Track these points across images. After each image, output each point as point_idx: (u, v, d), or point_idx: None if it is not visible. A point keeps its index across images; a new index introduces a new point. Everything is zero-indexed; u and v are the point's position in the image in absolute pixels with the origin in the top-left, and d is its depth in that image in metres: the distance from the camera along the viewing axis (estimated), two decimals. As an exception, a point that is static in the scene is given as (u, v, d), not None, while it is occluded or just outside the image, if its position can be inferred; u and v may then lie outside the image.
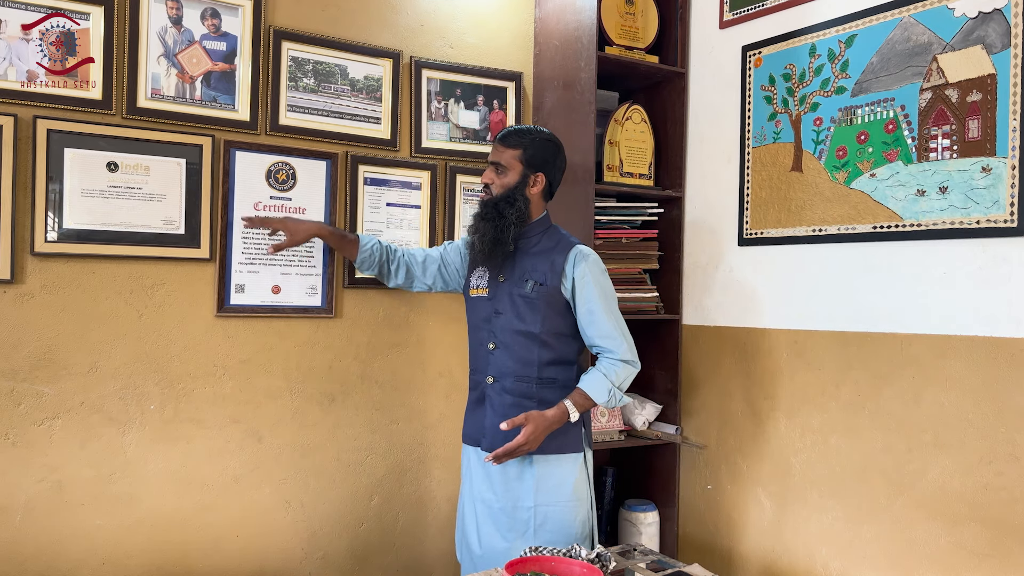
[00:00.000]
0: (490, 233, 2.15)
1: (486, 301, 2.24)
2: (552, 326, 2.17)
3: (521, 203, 2.17)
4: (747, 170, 2.61)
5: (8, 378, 2.17)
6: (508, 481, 2.18)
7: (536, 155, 2.20)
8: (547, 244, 2.21)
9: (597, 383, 2.13)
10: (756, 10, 2.59)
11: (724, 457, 2.69)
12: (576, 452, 2.19)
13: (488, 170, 2.23)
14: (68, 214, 2.22)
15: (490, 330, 2.21)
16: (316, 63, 2.59)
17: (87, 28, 2.24)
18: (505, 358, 2.18)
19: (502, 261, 2.21)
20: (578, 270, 2.14)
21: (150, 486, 2.36)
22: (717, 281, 2.72)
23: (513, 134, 2.21)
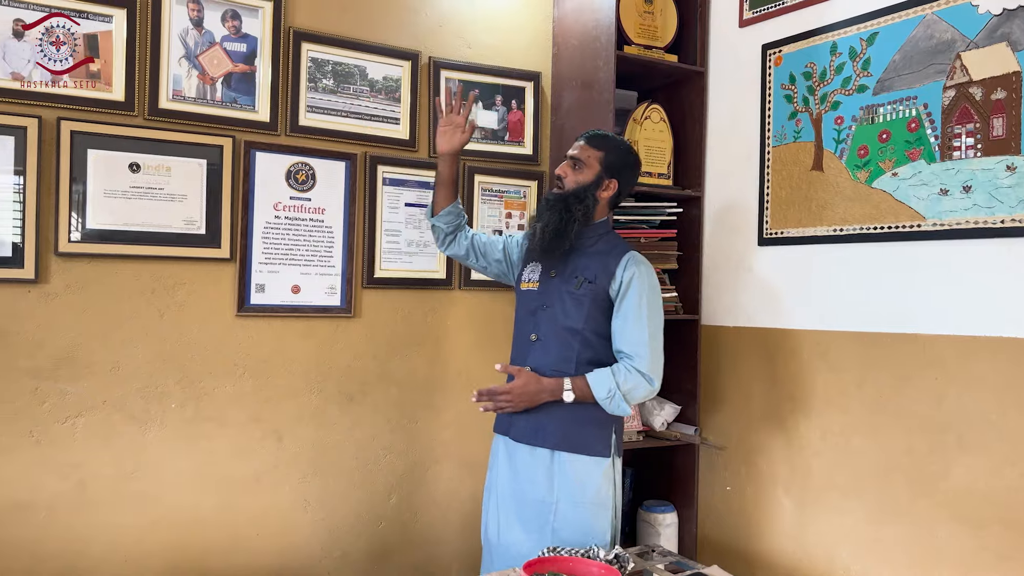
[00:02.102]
0: (553, 224, 2.16)
1: (536, 294, 2.25)
2: (595, 325, 2.17)
3: (590, 202, 2.19)
4: (767, 169, 2.59)
5: (32, 376, 2.20)
6: (530, 473, 2.18)
7: (616, 162, 2.22)
8: (603, 247, 2.22)
9: (601, 378, 2.11)
10: (776, 8, 2.57)
11: (744, 458, 2.68)
12: (602, 457, 2.16)
13: (564, 164, 2.24)
14: (91, 214, 2.25)
15: (535, 322, 2.23)
16: (335, 64, 2.60)
17: (110, 31, 2.27)
18: (545, 351, 2.19)
19: (558, 257, 2.21)
20: (627, 274, 2.15)
21: (171, 485, 2.38)
22: (737, 281, 2.71)
23: (600, 136, 2.24)
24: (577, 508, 2.14)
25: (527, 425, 2.17)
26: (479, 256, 2.43)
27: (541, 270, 2.26)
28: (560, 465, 2.15)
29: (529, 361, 2.21)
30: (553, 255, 2.21)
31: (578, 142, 2.26)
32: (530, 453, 2.18)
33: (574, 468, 2.15)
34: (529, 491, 2.18)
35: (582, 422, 2.15)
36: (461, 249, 2.43)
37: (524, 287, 2.31)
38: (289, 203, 2.54)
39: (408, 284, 2.74)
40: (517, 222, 2.95)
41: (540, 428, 2.15)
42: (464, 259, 2.46)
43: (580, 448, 2.14)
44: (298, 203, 2.55)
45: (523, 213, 2.95)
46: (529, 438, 2.17)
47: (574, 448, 2.14)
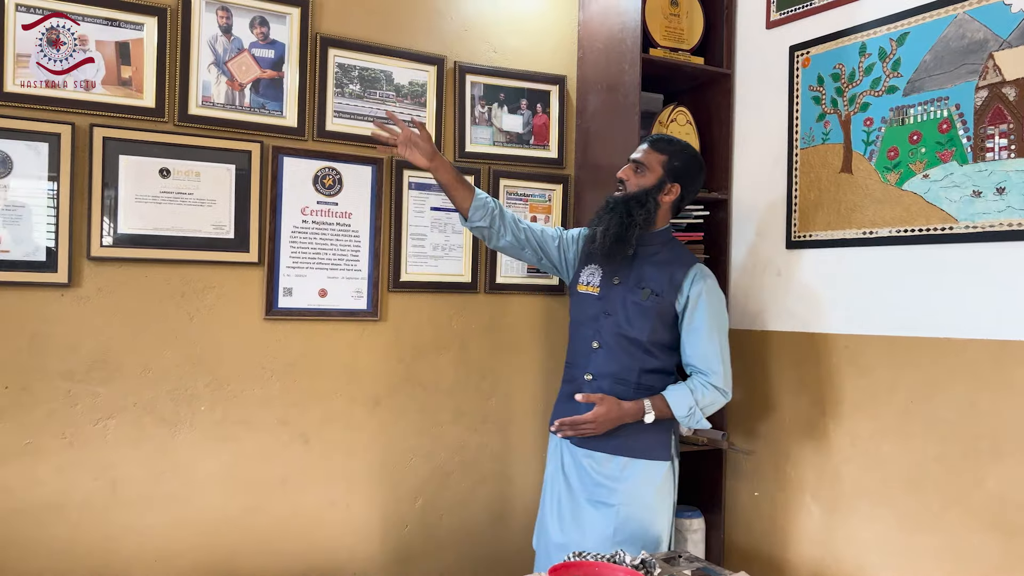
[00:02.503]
0: (614, 228, 2.15)
1: (595, 300, 2.25)
2: (659, 337, 2.19)
3: (651, 206, 2.18)
4: (795, 172, 2.56)
5: (65, 379, 2.23)
6: (597, 475, 2.19)
7: (680, 166, 2.22)
8: (668, 256, 2.22)
9: (681, 396, 2.14)
10: (804, 9, 2.55)
11: (772, 463, 2.65)
12: (663, 460, 2.20)
13: (626, 167, 2.24)
14: (122, 219, 2.28)
15: (596, 329, 2.23)
16: (362, 69, 2.62)
17: (141, 38, 2.30)
18: (607, 359, 2.20)
19: (619, 263, 2.21)
20: (695, 288, 2.16)
21: (199, 486, 2.40)
22: (764, 285, 2.68)
23: (663, 140, 2.25)
24: (638, 511, 2.16)
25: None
26: (535, 250, 2.37)
27: (602, 275, 2.26)
28: (622, 469, 2.17)
29: (591, 368, 2.22)
30: (615, 260, 2.20)
31: (641, 146, 2.25)
32: (592, 457, 2.20)
33: (636, 472, 2.16)
34: (595, 493, 2.18)
35: (644, 427, 2.17)
36: (508, 239, 2.32)
37: (582, 290, 2.30)
38: (316, 208, 2.56)
39: (433, 287, 2.75)
40: (542, 225, 2.94)
41: (604, 434, 2.16)
42: (519, 252, 2.38)
43: (642, 453, 2.17)
44: (325, 207, 2.57)
45: (548, 216, 2.95)
46: (592, 444, 2.19)
47: (637, 453, 2.17)
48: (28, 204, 2.18)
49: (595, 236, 2.21)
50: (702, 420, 2.16)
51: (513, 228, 2.34)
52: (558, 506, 2.28)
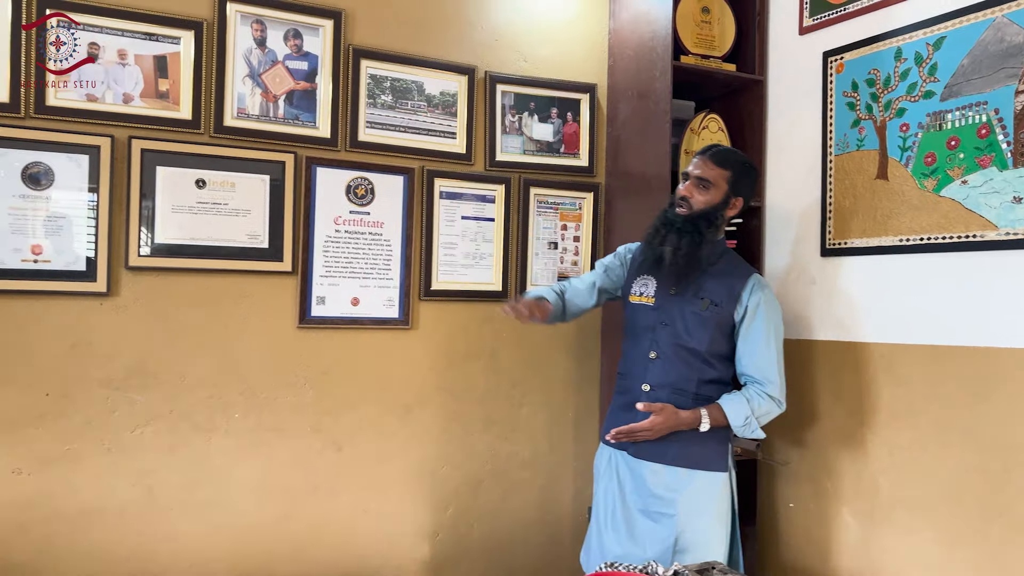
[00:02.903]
0: (685, 247, 2.14)
1: (651, 310, 2.24)
2: (717, 347, 2.19)
3: (719, 222, 2.20)
4: (829, 178, 2.53)
5: (104, 386, 2.28)
6: (656, 487, 2.18)
7: (742, 180, 2.22)
8: (724, 267, 2.22)
9: (738, 406, 2.13)
10: (837, 15, 2.52)
11: (807, 474, 2.61)
12: (722, 471, 2.19)
13: (688, 184, 2.20)
14: (160, 229, 2.32)
15: (654, 339, 2.22)
16: (394, 80, 2.64)
17: (178, 52, 2.35)
18: (665, 369, 2.19)
19: (686, 276, 2.19)
20: (753, 298, 2.17)
21: (234, 493, 2.43)
22: (799, 293, 2.65)
23: (723, 153, 2.22)
24: (698, 523, 2.14)
25: (646, 443, 2.18)
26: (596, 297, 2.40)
27: (657, 285, 2.25)
28: (680, 480, 2.16)
29: (648, 379, 2.21)
30: (689, 279, 2.19)
31: (701, 159, 2.21)
32: (650, 468, 2.18)
33: (695, 483, 2.15)
34: (649, 507, 2.17)
35: (702, 438, 2.16)
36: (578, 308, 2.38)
37: (635, 300, 2.30)
38: (349, 217, 2.58)
39: (464, 296, 2.76)
40: (572, 233, 2.94)
41: (662, 445, 2.16)
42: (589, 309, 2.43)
43: (701, 464, 2.16)
44: (357, 217, 2.60)
45: (578, 225, 2.95)
46: (650, 455, 2.18)
47: (696, 464, 2.16)
48: (69, 215, 2.23)
49: (661, 256, 2.18)
50: (757, 430, 2.15)
51: (573, 300, 2.37)
52: (612, 519, 2.25)
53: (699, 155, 2.26)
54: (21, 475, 2.19)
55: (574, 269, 2.94)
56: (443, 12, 2.73)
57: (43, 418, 2.21)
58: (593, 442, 2.98)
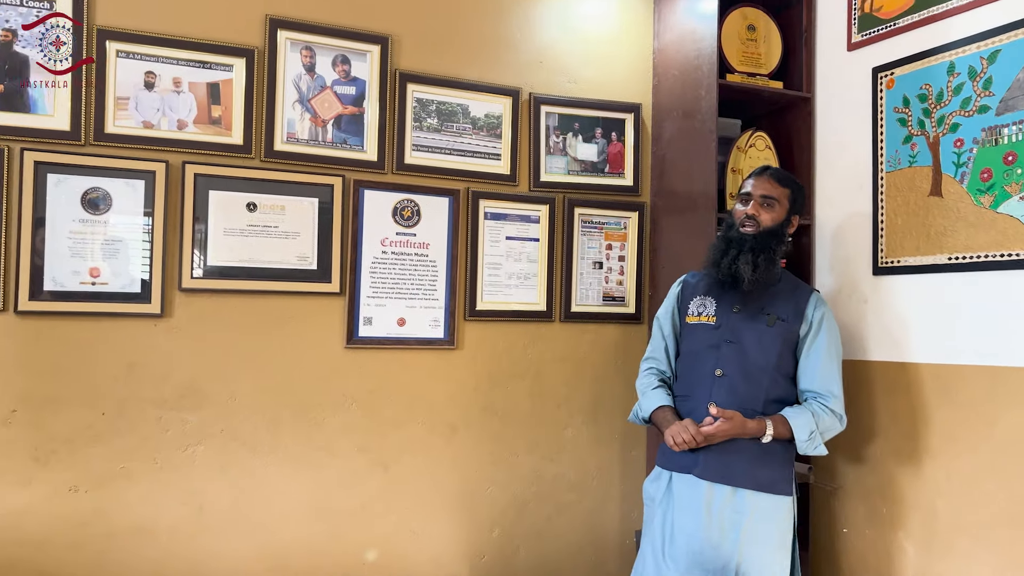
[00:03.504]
0: (763, 265, 2.15)
1: (712, 329, 2.23)
2: (784, 365, 2.18)
3: (785, 240, 2.22)
4: (881, 196, 2.49)
5: (157, 406, 2.32)
6: (721, 511, 2.12)
7: (799, 200, 2.26)
8: (786, 285, 2.24)
9: (803, 419, 2.10)
10: (887, 30, 2.48)
11: (861, 499, 2.54)
12: (787, 495, 2.14)
13: (753, 203, 2.21)
14: (212, 252, 2.38)
15: (718, 358, 2.20)
16: (439, 103, 2.67)
17: (230, 79, 2.41)
18: (732, 388, 2.16)
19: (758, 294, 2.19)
20: (816, 314, 2.18)
21: (283, 512, 2.45)
22: (850, 312, 2.59)
23: (781, 172, 2.26)
24: (760, 549, 2.08)
25: (715, 461, 2.12)
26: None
27: (718, 305, 2.24)
28: (745, 503, 2.10)
29: (714, 397, 2.17)
30: (761, 297, 2.19)
31: (763, 179, 2.23)
32: (714, 491, 2.13)
33: (759, 507, 2.10)
34: (711, 533, 2.12)
35: (769, 458, 2.12)
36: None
37: (694, 320, 2.28)
38: (395, 238, 2.61)
39: (509, 316, 2.76)
40: (617, 253, 2.93)
41: (727, 465, 2.11)
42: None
43: (767, 486, 2.11)
44: (404, 238, 2.62)
45: (623, 244, 2.93)
46: (716, 476, 2.12)
47: (762, 486, 2.11)
48: (125, 238, 2.29)
49: (737, 275, 2.16)
50: (821, 446, 2.11)
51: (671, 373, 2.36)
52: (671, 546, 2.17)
53: (757, 176, 2.26)
54: (78, 492, 2.24)
55: (619, 289, 2.92)
56: (487, 35, 2.76)
57: (99, 437, 2.26)
58: (640, 464, 2.95)
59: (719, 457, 2.12)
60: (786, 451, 2.15)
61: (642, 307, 2.95)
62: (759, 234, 2.18)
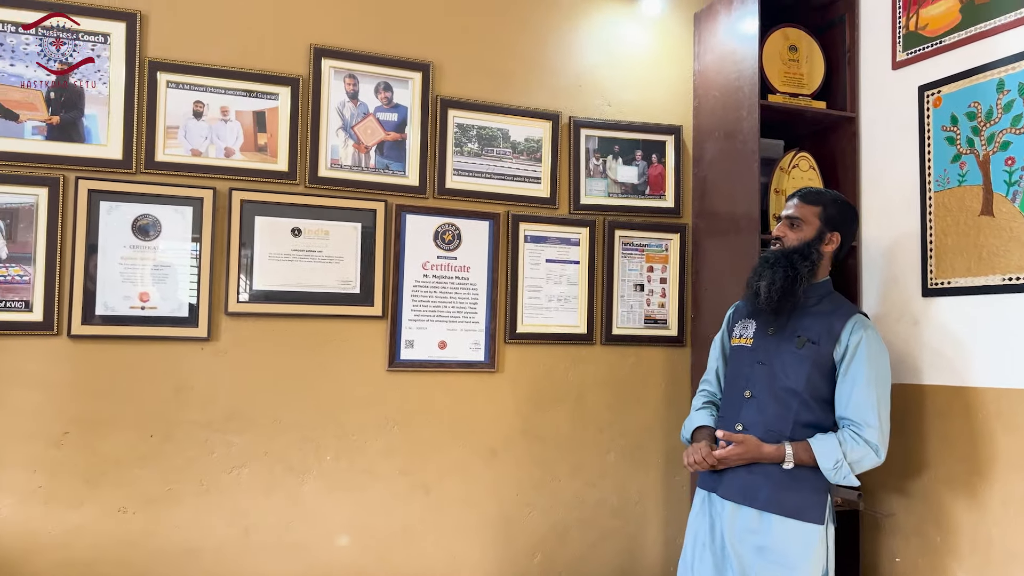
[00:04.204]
0: (779, 282, 2.12)
1: (749, 351, 2.21)
2: (815, 388, 2.11)
3: (815, 257, 2.16)
4: (929, 216, 2.44)
5: (204, 428, 2.36)
6: (743, 534, 2.09)
7: (836, 214, 2.20)
8: (827, 307, 2.17)
9: (828, 447, 2.03)
10: (933, 48, 2.45)
11: (913, 527, 2.47)
12: (819, 523, 2.05)
13: (781, 225, 2.22)
14: (257, 276, 2.42)
15: (748, 379, 2.18)
16: (480, 128, 2.70)
17: (276, 107, 2.46)
18: (760, 409, 2.13)
19: (780, 313, 2.16)
20: (854, 338, 2.09)
21: (326, 534, 2.46)
22: (899, 335, 2.54)
23: (813, 192, 2.24)
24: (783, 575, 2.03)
25: (737, 482, 2.10)
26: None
27: (755, 327, 2.22)
28: (770, 529, 2.05)
29: (742, 418, 2.15)
30: (782, 314, 2.15)
31: (791, 201, 2.23)
32: (737, 512, 2.10)
33: (784, 533, 2.04)
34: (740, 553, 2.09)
35: (797, 483, 2.05)
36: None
37: (735, 343, 2.28)
38: (436, 262, 2.63)
39: (549, 339, 2.76)
40: (659, 275, 2.91)
41: (750, 486, 2.07)
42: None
43: (793, 512, 2.04)
44: (444, 262, 2.64)
45: (665, 266, 2.92)
46: (739, 496, 2.09)
47: (787, 511, 2.04)
48: (174, 264, 2.34)
49: (758, 291, 2.15)
50: (850, 477, 2.02)
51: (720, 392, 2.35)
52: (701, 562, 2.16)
53: (790, 197, 2.26)
54: (126, 513, 2.28)
55: (661, 311, 2.90)
56: (527, 61, 2.78)
57: (147, 458, 2.31)
58: (683, 489, 2.91)
59: (743, 478, 2.09)
60: (816, 477, 2.06)
61: (684, 329, 2.93)
62: (784, 251, 2.17)
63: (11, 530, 2.18)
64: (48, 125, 2.26)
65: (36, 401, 2.22)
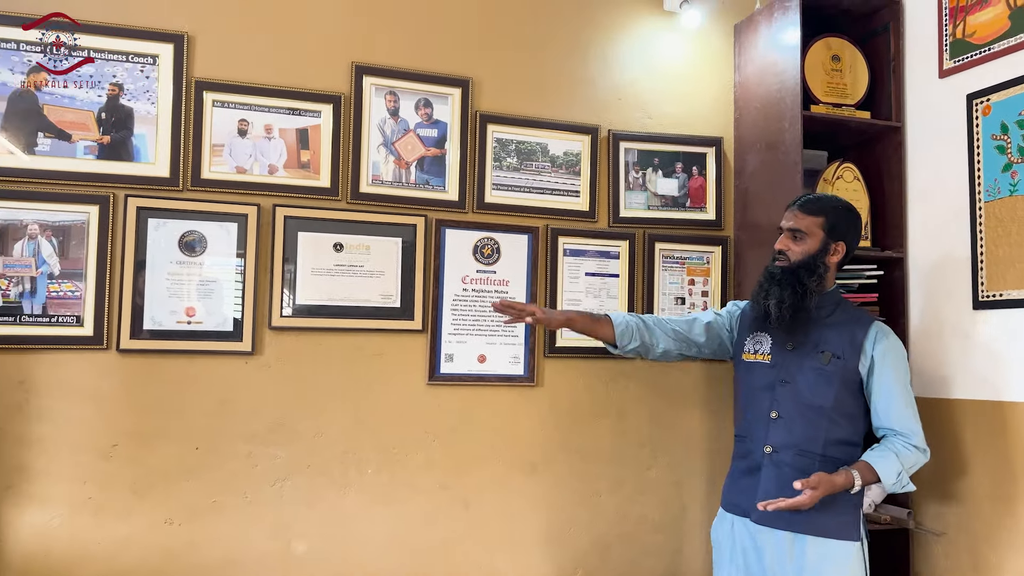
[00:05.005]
0: (789, 300, 2.08)
1: (768, 368, 2.16)
2: (843, 403, 2.08)
3: (821, 270, 2.12)
4: (980, 226, 2.38)
5: (248, 441, 2.39)
6: (780, 559, 2.05)
7: (839, 224, 2.14)
8: (842, 317, 2.14)
9: (888, 462, 2.00)
10: (981, 55, 2.39)
11: (967, 547, 2.39)
12: (854, 540, 2.03)
13: (783, 237, 2.16)
14: (300, 291, 2.45)
15: (773, 398, 2.13)
16: (519, 143, 2.71)
17: (318, 124, 2.50)
18: (788, 430, 2.09)
19: (794, 329, 2.12)
20: (879, 348, 2.07)
21: (367, 548, 2.47)
22: (950, 349, 2.47)
23: (813, 201, 2.17)
24: None
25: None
26: (694, 343, 2.30)
27: (772, 342, 2.17)
28: (807, 551, 2.01)
29: (770, 440, 2.10)
30: (797, 331, 2.11)
31: (791, 211, 2.17)
32: (773, 537, 2.06)
33: (822, 554, 2.00)
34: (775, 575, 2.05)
35: (830, 502, 2.00)
36: (668, 345, 2.28)
37: (749, 358, 2.22)
38: (475, 276, 2.64)
39: (589, 353, 2.74)
40: (700, 288, 2.88)
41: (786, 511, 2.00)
42: (682, 352, 2.32)
43: (830, 531, 2.01)
44: (484, 276, 2.65)
45: (706, 279, 2.89)
46: (773, 521, 2.05)
47: (824, 532, 2.01)
48: (219, 279, 2.39)
49: (767, 311, 2.11)
50: (909, 484, 2.02)
51: (663, 332, 2.27)
52: None
53: (788, 207, 2.19)
54: (172, 525, 2.32)
55: (702, 325, 2.87)
56: (566, 74, 2.79)
57: (192, 471, 2.34)
58: (726, 506, 2.86)
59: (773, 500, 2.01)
60: (847, 495, 2.02)
61: (726, 343, 2.89)
62: (788, 268, 2.11)
63: (62, 540, 2.23)
64: (99, 144, 2.32)
65: (86, 414, 2.27)
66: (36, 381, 2.24)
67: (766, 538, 2.07)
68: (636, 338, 2.25)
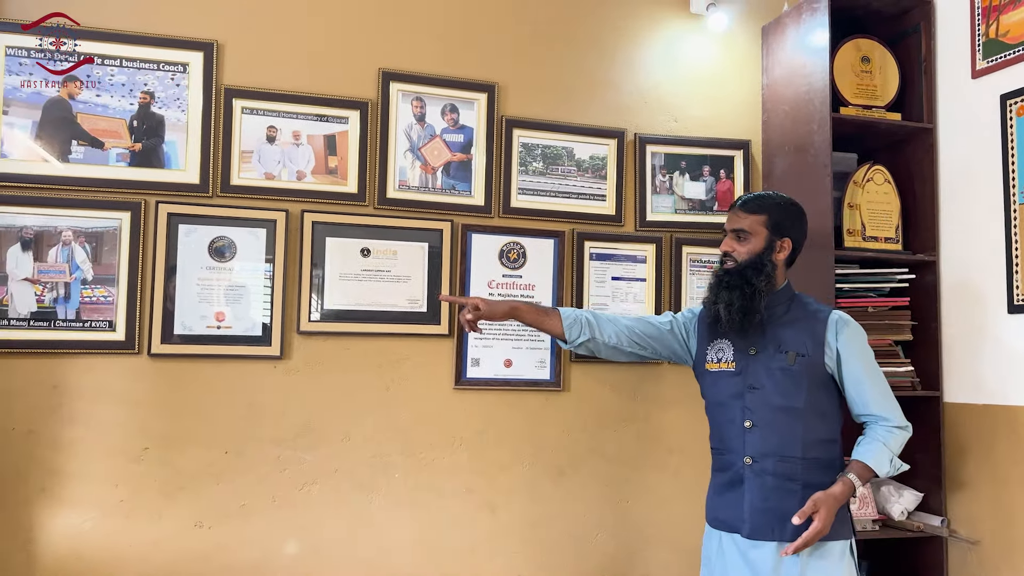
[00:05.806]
0: (738, 302, 2.03)
1: (733, 376, 2.10)
2: (816, 402, 2.03)
3: (769, 269, 2.06)
4: (1015, 229, 2.34)
5: (276, 445, 2.41)
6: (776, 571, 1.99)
7: (782, 220, 2.09)
8: (799, 313, 2.09)
9: (878, 453, 1.98)
10: (1016, 55, 2.35)
11: (1003, 555, 2.35)
12: (844, 539, 2.00)
13: (727, 239, 2.12)
14: (328, 296, 2.46)
15: (744, 407, 2.06)
16: (544, 147, 2.71)
17: (345, 131, 2.52)
18: (764, 438, 2.03)
19: (751, 332, 2.08)
20: (841, 339, 2.03)
21: (393, 552, 2.48)
22: (984, 353, 2.43)
23: (754, 200, 2.12)
24: None
25: (761, 519, 1.99)
26: (644, 343, 2.22)
27: (734, 349, 2.11)
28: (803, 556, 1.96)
29: (748, 450, 2.04)
30: (746, 331, 2.07)
31: (733, 212, 2.12)
32: (766, 550, 2.00)
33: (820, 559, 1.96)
34: None
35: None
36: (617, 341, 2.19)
37: (713, 368, 2.15)
38: (501, 280, 2.64)
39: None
40: (728, 293, 2.85)
41: (779, 521, 1.96)
42: (631, 350, 2.22)
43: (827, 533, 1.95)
44: (510, 280, 2.65)
45: (734, 284, 2.86)
46: (765, 534, 1.99)
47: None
48: (248, 284, 2.41)
49: (718, 315, 2.06)
50: (901, 465, 2.01)
51: (613, 327, 2.20)
52: None
53: (731, 208, 2.14)
54: (202, 528, 2.34)
55: (730, 330, 2.84)
56: (591, 79, 2.78)
57: (222, 474, 2.36)
58: (755, 512, 2.83)
59: (762, 514, 1.98)
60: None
61: (755, 348, 2.86)
62: (734, 270, 2.06)
63: (94, 543, 2.26)
64: (131, 152, 2.36)
65: (118, 417, 2.30)
66: (69, 385, 2.28)
67: (757, 554, 2.01)
68: (585, 331, 2.17)
